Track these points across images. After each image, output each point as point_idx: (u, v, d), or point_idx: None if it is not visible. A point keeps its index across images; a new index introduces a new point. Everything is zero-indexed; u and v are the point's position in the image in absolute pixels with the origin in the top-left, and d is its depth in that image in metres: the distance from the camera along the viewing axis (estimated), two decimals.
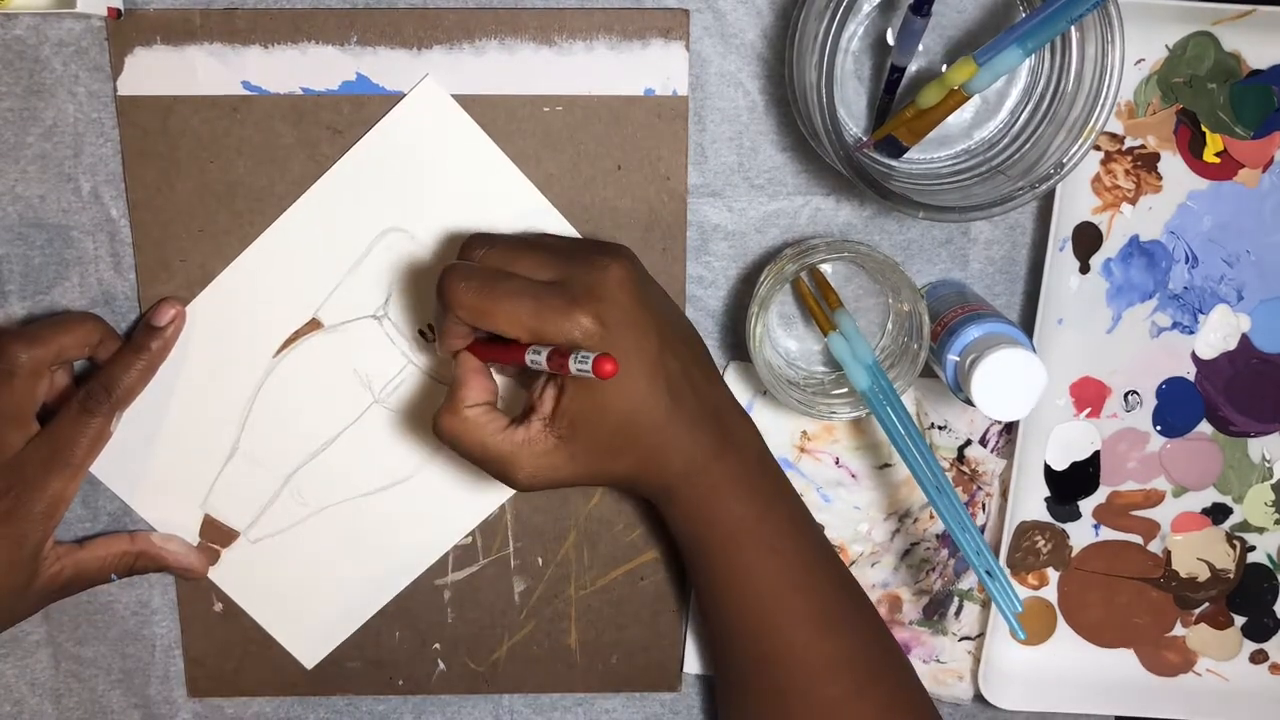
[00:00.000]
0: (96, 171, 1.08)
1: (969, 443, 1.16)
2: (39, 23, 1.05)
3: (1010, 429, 1.15)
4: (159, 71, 1.06)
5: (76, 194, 1.09)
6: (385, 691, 1.21)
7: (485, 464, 0.99)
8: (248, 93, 1.07)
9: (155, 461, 1.14)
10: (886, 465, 1.17)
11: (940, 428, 1.15)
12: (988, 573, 1.03)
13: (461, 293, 0.94)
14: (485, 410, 0.99)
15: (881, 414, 1.03)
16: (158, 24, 1.05)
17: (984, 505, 1.18)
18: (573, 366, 0.89)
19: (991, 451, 1.16)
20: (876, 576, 1.19)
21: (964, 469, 1.16)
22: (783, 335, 1.12)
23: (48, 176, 1.08)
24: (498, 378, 1.06)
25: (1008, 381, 0.97)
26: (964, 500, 1.16)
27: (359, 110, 1.08)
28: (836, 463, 1.17)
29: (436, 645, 1.20)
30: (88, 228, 1.10)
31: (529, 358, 0.94)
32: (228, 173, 1.08)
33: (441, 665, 1.20)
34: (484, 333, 0.99)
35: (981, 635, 1.20)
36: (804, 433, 1.16)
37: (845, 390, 1.08)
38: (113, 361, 1.08)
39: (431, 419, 1.01)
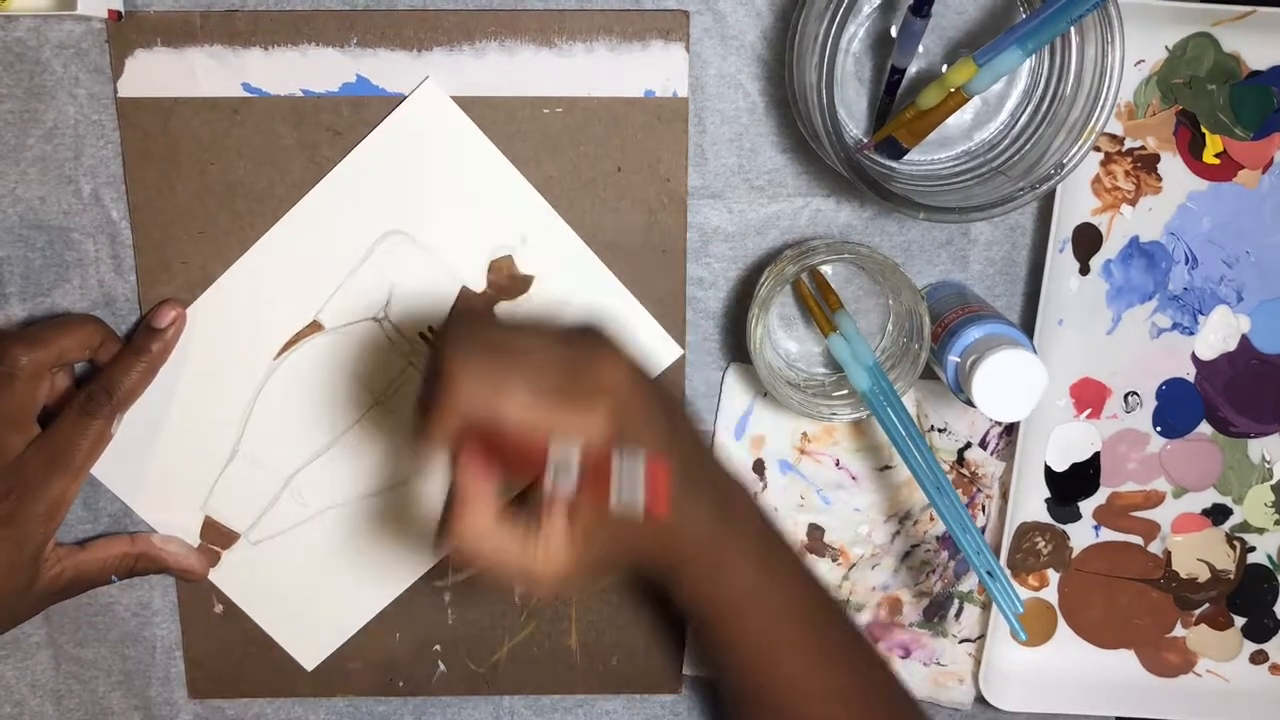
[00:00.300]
0: (97, 173, 1.09)
1: (969, 445, 1.16)
2: (39, 25, 1.06)
3: (1010, 431, 1.16)
4: (159, 73, 1.07)
5: (77, 196, 1.09)
6: (386, 693, 1.21)
7: (504, 578, 0.89)
8: (248, 94, 1.07)
9: (156, 463, 1.15)
10: (887, 467, 1.17)
11: (940, 430, 1.16)
12: (989, 573, 1.03)
13: (469, 371, 0.85)
14: (498, 526, 0.89)
15: (882, 415, 1.03)
16: (158, 26, 1.06)
17: (984, 507, 1.18)
18: (617, 498, 0.82)
19: (991, 454, 1.16)
20: (877, 578, 1.20)
21: (964, 471, 1.17)
22: (783, 337, 1.12)
23: (48, 178, 1.09)
24: None
25: (1008, 383, 0.97)
26: (964, 502, 1.16)
27: (359, 112, 1.08)
28: (837, 464, 1.17)
29: (437, 646, 1.20)
30: (88, 230, 1.10)
31: (553, 467, 0.84)
32: (228, 174, 1.09)
33: (442, 666, 1.20)
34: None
35: (982, 637, 1.20)
36: (804, 434, 1.16)
37: (846, 391, 1.08)
38: (113, 364, 1.08)
39: (439, 525, 0.90)
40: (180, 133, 1.08)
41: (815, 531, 1.19)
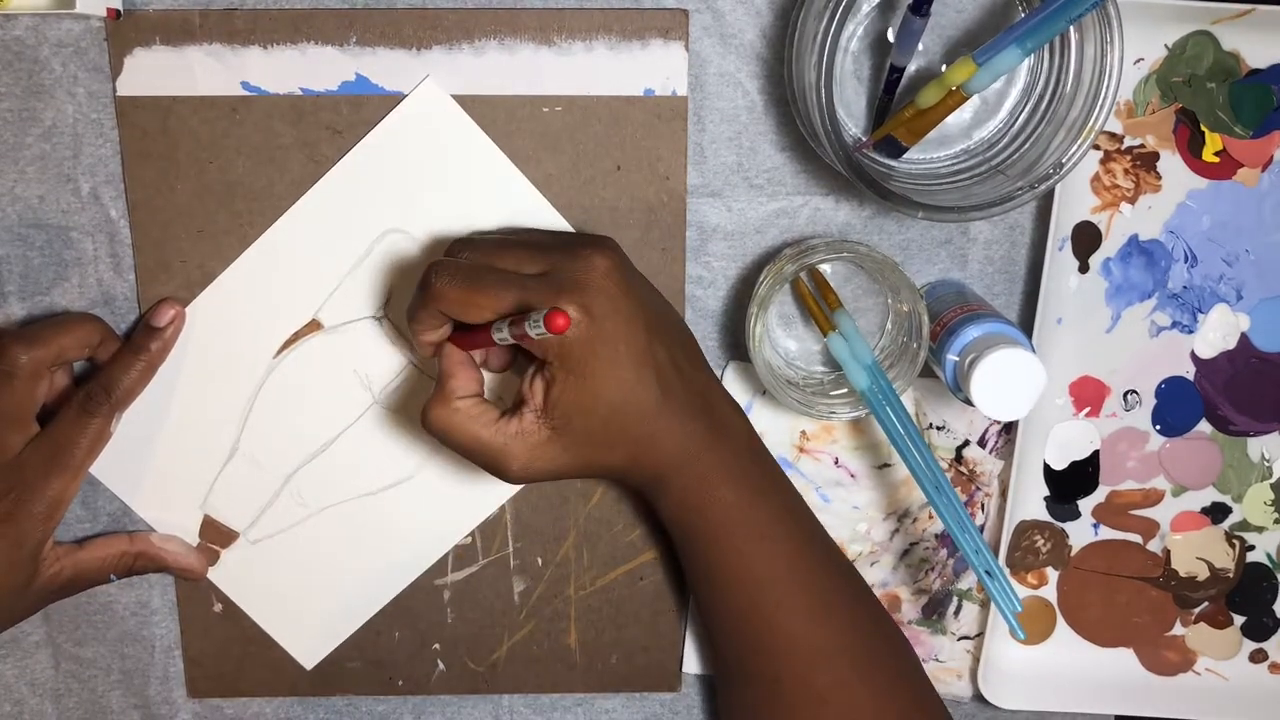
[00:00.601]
0: (96, 172, 1.09)
1: (967, 443, 1.16)
2: (38, 23, 1.06)
3: (1009, 429, 1.16)
4: (158, 72, 1.07)
5: (76, 195, 1.09)
6: (385, 692, 1.21)
7: (477, 456, 0.99)
8: (247, 93, 1.07)
9: (155, 462, 1.15)
10: (885, 465, 1.17)
11: (939, 428, 1.16)
12: (987, 573, 1.04)
13: (446, 285, 0.94)
14: (476, 402, 1.00)
15: (881, 414, 1.04)
16: (157, 25, 1.06)
17: (983, 505, 1.18)
18: (529, 330, 0.89)
19: (990, 452, 1.17)
20: (875, 576, 1.20)
21: (962, 470, 1.17)
22: (782, 335, 1.12)
23: (47, 177, 1.09)
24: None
25: (1007, 381, 0.98)
26: (962, 501, 1.16)
27: (358, 110, 1.08)
28: (836, 463, 1.17)
29: (436, 645, 1.20)
30: (87, 228, 1.10)
31: (495, 335, 0.94)
32: (227, 173, 1.09)
33: (441, 665, 1.21)
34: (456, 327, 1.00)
35: (980, 635, 1.20)
36: (803, 433, 1.16)
37: (845, 390, 1.08)
38: (112, 362, 1.08)
39: (420, 412, 1.00)
40: (179, 131, 1.08)
41: None
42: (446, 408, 0.99)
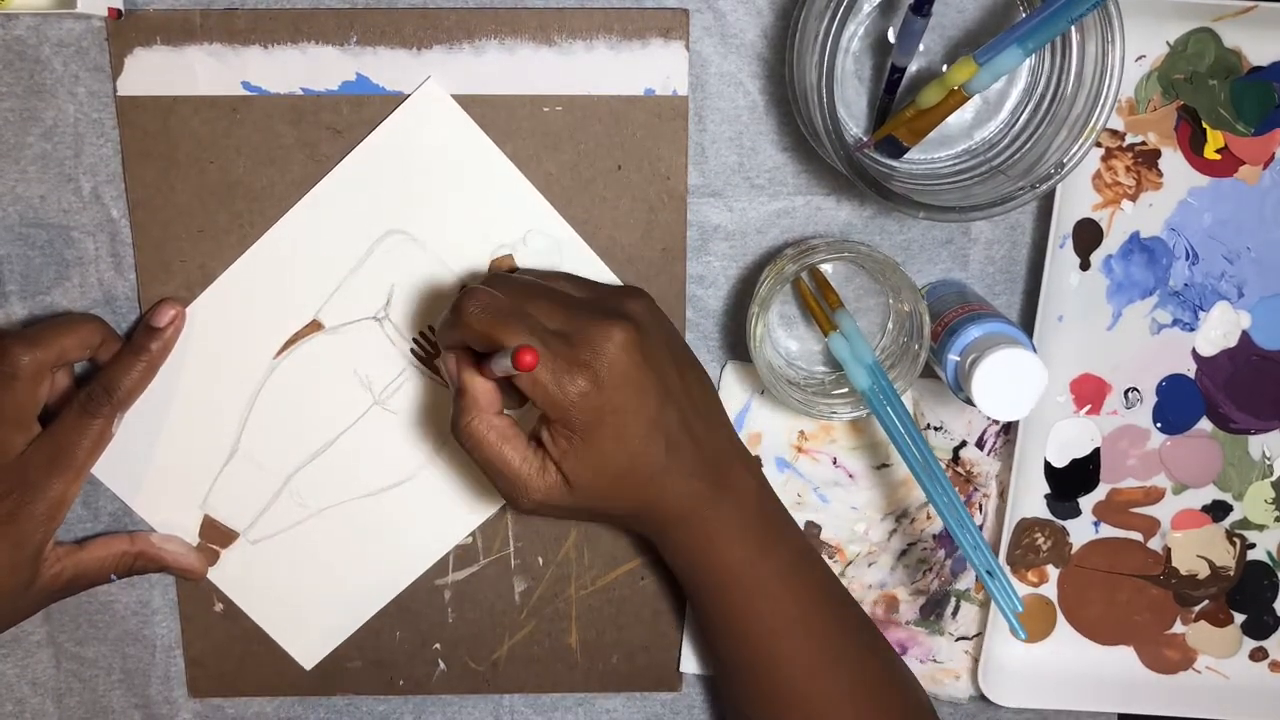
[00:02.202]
0: (97, 172, 1.10)
1: (964, 444, 1.17)
2: (39, 23, 1.06)
3: (1008, 430, 1.17)
4: (159, 72, 1.08)
5: (77, 194, 1.10)
6: (386, 691, 1.22)
7: (498, 476, 1.00)
8: (248, 93, 1.08)
9: (155, 462, 1.16)
10: (884, 465, 1.18)
11: (936, 429, 1.17)
12: (988, 572, 1.04)
13: (473, 315, 0.95)
14: (511, 424, 1.00)
15: (881, 413, 1.04)
16: (158, 24, 1.07)
17: (980, 506, 1.19)
18: (494, 366, 0.93)
19: (989, 453, 1.18)
20: (873, 576, 1.21)
21: (959, 470, 1.18)
22: (783, 335, 1.13)
23: (48, 177, 1.10)
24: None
25: (1008, 381, 0.98)
26: (961, 501, 1.18)
27: (359, 110, 1.09)
28: (834, 463, 1.18)
29: (437, 645, 1.21)
30: (88, 228, 1.11)
31: (494, 365, 0.96)
32: (228, 173, 1.10)
33: (442, 665, 1.21)
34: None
35: (979, 635, 1.21)
36: (801, 433, 1.17)
37: (845, 390, 1.09)
38: (113, 363, 1.09)
39: (451, 420, 1.01)
40: (180, 131, 1.09)
41: (812, 529, 1.19)
42: (483, 421, 1.00)
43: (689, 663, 1.22)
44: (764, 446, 1.18)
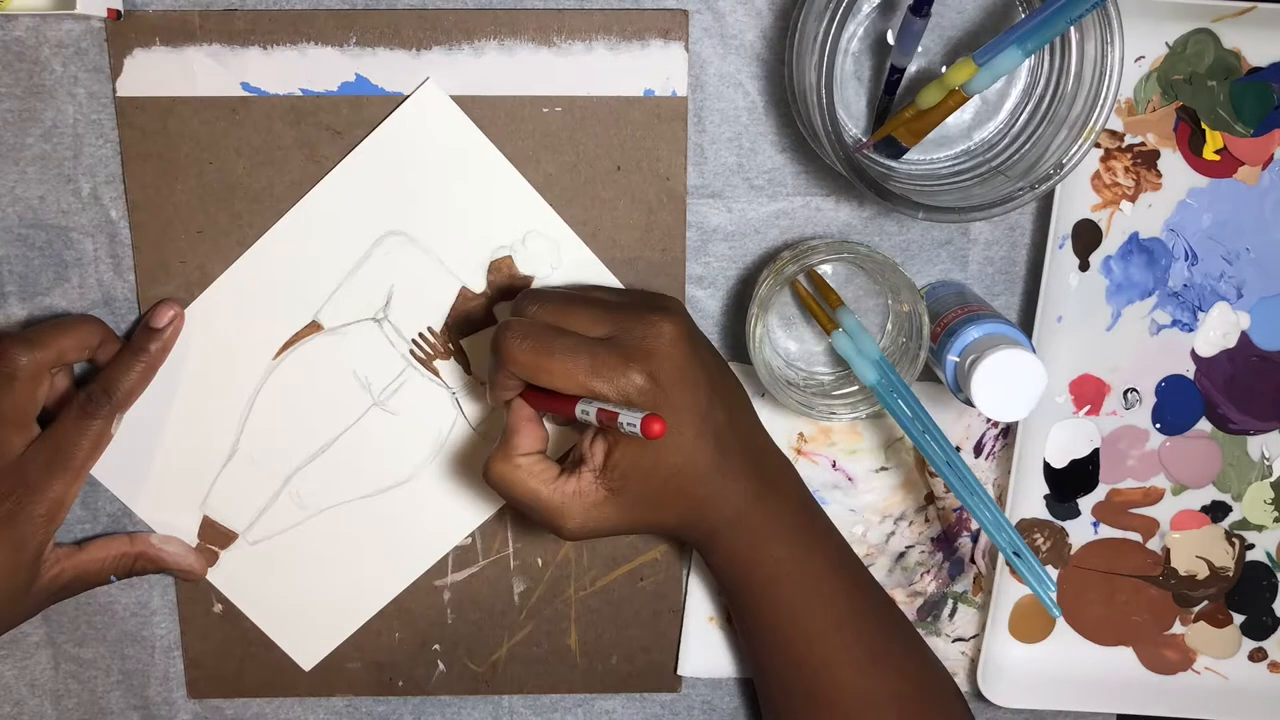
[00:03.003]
0: (96, 173, 1.10)
1: (957, 450, 1.15)
2: (39, 24, 1.07)
3: (1007, 434, 1.18)
4: (158, 73, 1.08)
5: (76, 195, 1.11)
6: (385, 692, 1.23)
7: (535, 512, 1.02)
8: (247, 94, 1.09)
9: (155, 463, 1.16)
10: (883, 469, 1.19)
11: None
12: (1015, 553, 1.04)
13: (517, 350, 0.96)
14: (538, 459, 1.02)
15: (893, 406, 1.05)
16: (157, 25, 1.07)
17: None
18: (622, 425, 0.91)
19: (986, 458, 1.18)
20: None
21: None
22: (783, 336, 1.14)
23: (47, 178, 1.10)
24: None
25: (1007, 382, 0.99)
26: (956, 507, 1.19)
27: (358, 111, 1.09)
28: (833, 466, 1.19)
29: (436, 646, 1.22)
30: (87, 229, 1.11)
31: (579, 411, 0.96)
32: (227, 174, 1.10)
33: (441, 666, 1.22)
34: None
35: (976, 636, 1.22)
36: (800, 435, 1.18)
37: (845, 391, 1.10)
38: (112, 364, 1.10)
39: (482, 466, 1.03)
40: (179, 132, 1.09)
41: None
42: (509, 463, 1.02)
43: (687, 665, 1.23)
44: None
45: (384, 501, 1.18)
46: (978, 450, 1.19)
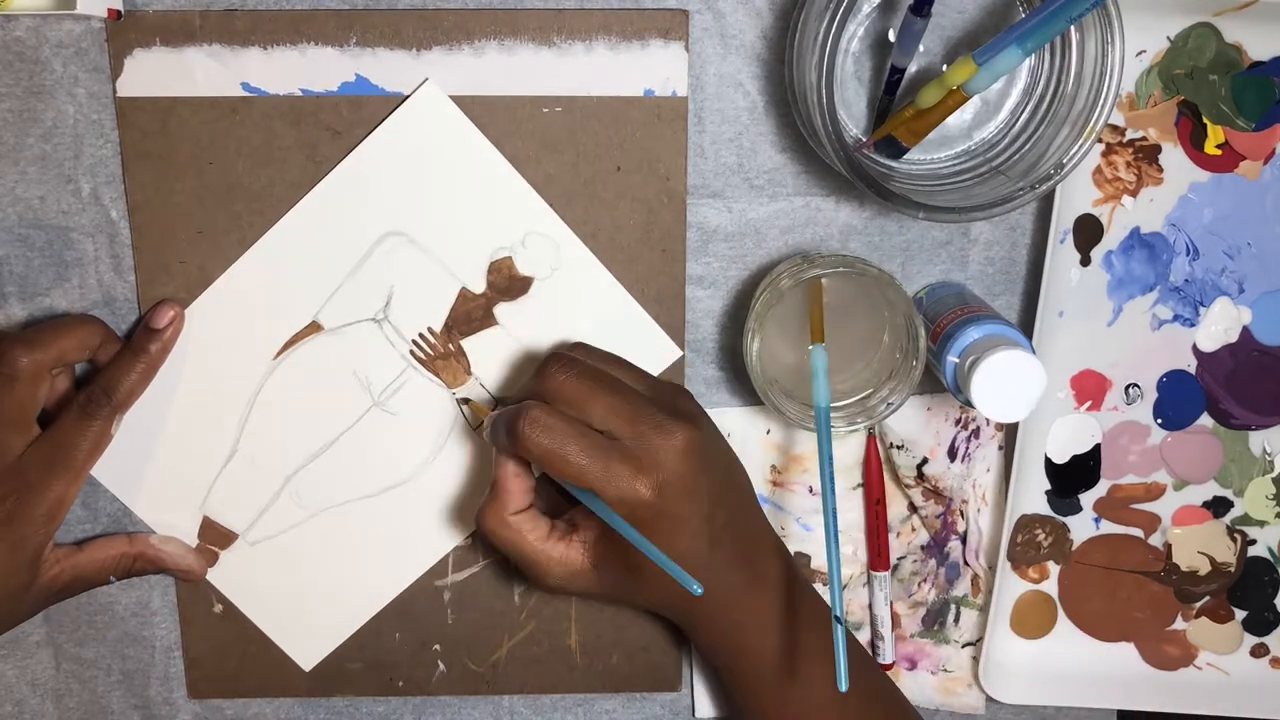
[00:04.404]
0: (96, 173, 1.11)
1: (926, 461, 1.19)
2: (39, 24, 1.08)
3: (979, 434, 1.19)
4: (158, 73, 1.09)
5: (76, 195, 1.12)
6: (385, 693, 1.24)
7: (518, 562, 1.05)
8: (247, 94, 1.10)
9: (154, 463, 1.18)
10: (859, 485, 1.20)
11: (898, 447, 1.19)
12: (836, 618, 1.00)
13: (533, 440, 0.98)
14: (528, 516, 1.05)
15: (823, 435, 1.03)
16: (157, 25, 1.08)
17: (962, 513, 1.21)
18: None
19: (962, 460, 1.20)
20: (869, 596, 1.23)
21: (927, 485, 1.20)
22: (781, 348, 1.12)
23: (47, 178, 1.11)
24: None
25: (1007, 383, 1.00)
26: (939, 512, 1.21)
27: (358, 111, 1.10)
28: (810, 491, 1.20)
29: (437, 646, 1.23)
30: (88, 229, 1.13)
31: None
32: (227, 174, 1.11)
33: (442, 666, 1.23)
34: None
35: (983, 639, 1.23)
36: (773, 467, 1.20)
37: (841, 404, 1.09)
38: (113, 364, 1.11)
39: (478, 508, 1.06)
40: (179, 132, 1.10)
41: (801, 559, 1.22)
42: (499, 519, 1.05)
43: (702, 707, 1.25)
44: None
45: (384, 501, 1.20)
46: (951, 455, 1.20)
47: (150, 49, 1.09)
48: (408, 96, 1.11)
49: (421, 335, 1.16)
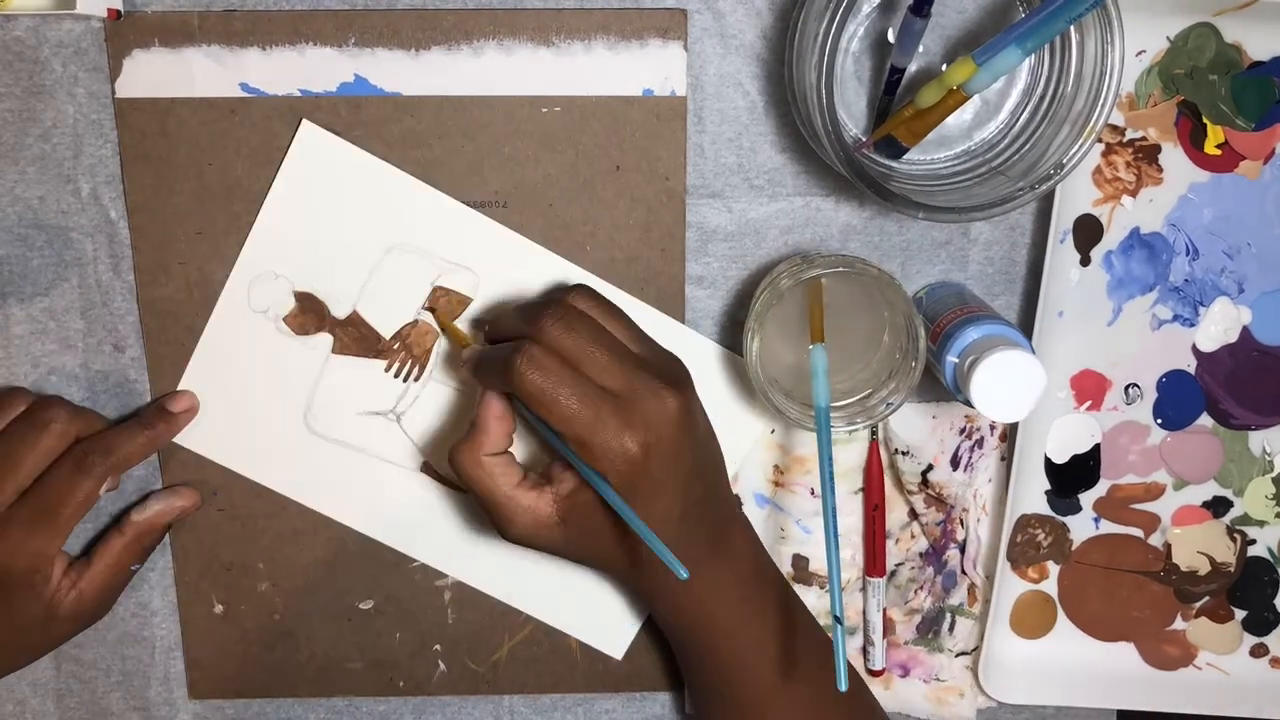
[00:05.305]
0: (96, 173, 1.12)
1: (931, 468, 1.19)
2: (39, 24, 1.09)
3: (982, 444, 1.20)
4: (157, 73, 1.10)
5: (75, 195, 1.12)
6: (386, 692, 1.24)
7: (485, 507, 1.04)
8: (246, 94, 1.10)
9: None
10: (860, 490, 1.21)
11: (904, 453, 1.19)
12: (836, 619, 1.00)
13: (526, 378, 0.97)
14: (503, 461, 1.04)
15: (823, 434, 1.03)
16: (156, 26, 1.09)
17: (962, 521, 1.22)
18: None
19: (964, 469, 1.20)
20: (863, 601, 1.24)
21: (930, 493, 1.20)
22: (781, 348, 1.12)
23: (47, 178, 1.12)
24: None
25: (1007, 383, 1.00)
26: (939, 520, 1.21)
27: (357, 112, 1.11)
28: (811, 493, 1.20)
29: (437, 646, 1.23)
30: (87, 229, 1.13)
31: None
32: (226, 175, 1.12)
33: (442, 666, 1.23)
34: None
35: (978, 649, 1.23)
36: (775, 467, 1.20)
37: (841, 404, 1.09)
38: (117, 429, 1.12)
39: (453, 444, 1.04)
40: (178, 133, 1.11)
41: (800, 562, 1.22)
42: (473, 458, 1.03)
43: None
44: (741, 484, 1.21)
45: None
46: (954, 464, 1.20)
47: (149, 49, 1.09)
48: (403, 95, 1.12)
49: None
